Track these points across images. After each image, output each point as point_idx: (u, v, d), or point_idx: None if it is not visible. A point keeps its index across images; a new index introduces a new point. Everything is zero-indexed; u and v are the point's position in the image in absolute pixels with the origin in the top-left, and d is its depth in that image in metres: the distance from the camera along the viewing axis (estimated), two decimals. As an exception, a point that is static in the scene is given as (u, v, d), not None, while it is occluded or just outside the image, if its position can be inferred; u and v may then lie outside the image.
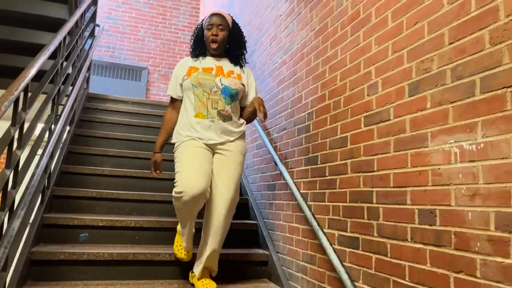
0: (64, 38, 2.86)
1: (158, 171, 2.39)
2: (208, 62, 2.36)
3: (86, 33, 3.96)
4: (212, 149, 2.28)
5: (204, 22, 2.37)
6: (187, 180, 2.08)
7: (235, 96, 2.30)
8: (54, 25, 3.28)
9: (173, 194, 2.13)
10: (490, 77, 1.30)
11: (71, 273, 2.32)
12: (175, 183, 2.12)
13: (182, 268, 2.49)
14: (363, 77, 1.97)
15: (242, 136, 2.37)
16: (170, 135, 2.39)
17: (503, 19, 1.28)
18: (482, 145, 1.30)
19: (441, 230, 1.42)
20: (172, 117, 2.39)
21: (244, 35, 2.47)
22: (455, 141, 1.40)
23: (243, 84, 2.34)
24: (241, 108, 2.42)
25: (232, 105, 2.30)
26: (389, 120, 1.75)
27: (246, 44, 2.47)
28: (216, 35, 2.29)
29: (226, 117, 2.27)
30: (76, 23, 3.41)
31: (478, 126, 1.32)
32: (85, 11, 3.68)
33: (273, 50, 3.23)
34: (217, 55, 2.38)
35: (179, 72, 2.37)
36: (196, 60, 2.37)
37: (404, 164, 1.63)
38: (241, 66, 2.42)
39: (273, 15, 3.32)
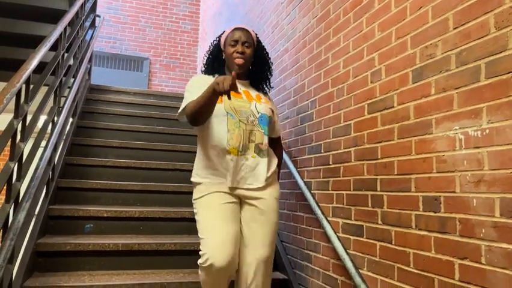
0: (65, 29, 2.84)
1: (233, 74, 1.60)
2: None
3: (87, 24, 3.94)
4: (241, 197, 1.88)
5: (223, 37, 2.01)
6: (213, 250, 1.69)
7: (270, 125, 1.98)
8: (55, 16, 3.26)
9: (198, 262, 1.75)
10: (495, 61, 1.28)
11: (77, 264, 2.34)
12: (199, 250, 1.75)
13: (188, 257, 2.50)
14: (367, 63, 1.95)
15: (275, 176, 1.98)
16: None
17: (508, 3, 1.25)
18: (487, 131, 1.29)
19: (446, 217, 1.41)
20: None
21: (269, 55, 2.14)
22: (460, 128, 1.39)
23: (273, 111, 2.02)
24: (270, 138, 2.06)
25: (268, 137, 1.96)
26: (393, 107, 1.73)
27: (272, 67, 2.13)
28: (243, 53, 1.92)
29: (263, 153, 1.90)
30: (76, 13, 3.39)
31: (483, 112, 1.31)
32: (85, 1, 3.65)
33: (274, 38, 3.20)
34: (238, 76, 1.99)
35: (199, 84, 1.90)
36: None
37: (408, 151, 1.62)
38: (264, 93, 2.08)
39: (274, 2, 3.28)
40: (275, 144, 2.11)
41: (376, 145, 1.83)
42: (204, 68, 2.07)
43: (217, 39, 2.07)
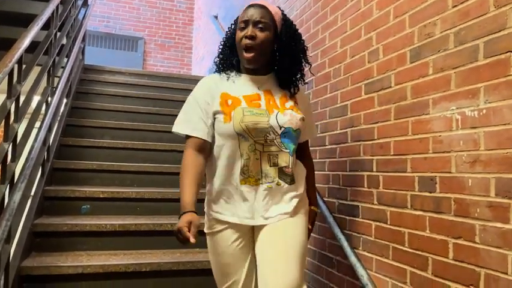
0: (57, 7, 2.78)
1: (193, 237, 1.33)
2: (248, 83, 1.49)
3: (80, 2, 3.86)
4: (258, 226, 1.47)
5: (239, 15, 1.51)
6: None
7: (298, 138, 1.50)
8: (46, -6, 3.19)
9: None
10: (493, 41, 1.26)
11: (74, 244, 2.35)
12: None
13: (184, 237, 2.52)
14: (364, 43, 1.93)
15: (305, 195, 1.56)
16: (199, 189, 1.45)
17: (509, -20, 1.23)
18: (484, 111, 1.28)
19: (441, 197, 1.42)
20: (199, 162, 1.46)
21: (303, 38, 1.57)
22: (457, 108, 1.38)
23: (302, 117, 1.49)
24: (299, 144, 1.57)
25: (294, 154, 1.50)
26: (390, 87, 1.72)
27: (308, 54, 1.58)
28: (252, 37, 1.40)
29: (291, 177, 1.47)
30: (68, -9, 3.32)
31: (481, 92, 1.30)
32: (77, -21, 3.57)
33: (271, 17, 3.15)
34: (256, 71, 1.49)
35: (203, 99, 1.48)
36: (228, 79, 1.50)
37: (405, 131, 1.62)
38: (294, 89, 1.55)
39: (270, -20, 3.22)
40: (303, 151, 1.60)
41: (373, 126, 1.82)
42: (216, 61, 1.59)
43: (233, 23, 1.57)
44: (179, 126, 1.53)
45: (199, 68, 6.40)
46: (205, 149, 1.47)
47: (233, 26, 1.55)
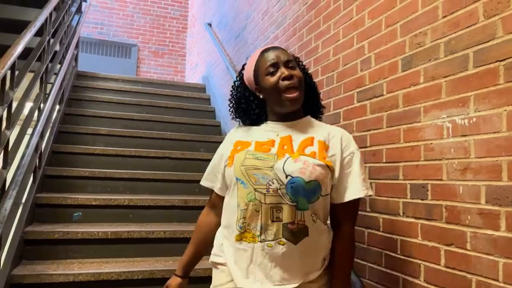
0: (50, 14, 2.78)
1: None
2: (268, 129, 1.32)
3: (73, 9, 3.86)
4: None
5: (249, 70, 1.34)
6: None
7: (316, 193, 1.20)
8: (40, 1, 3.18)
9: None
10: (483, 50, 1.29)
11: (66, 252, 2.33)
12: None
13: (177, 245, 2.50)
14: (356, 52, 1.95)
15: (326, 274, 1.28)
16: (201, 251, 1.43)
17: (498, -9, 1.26)
18: (474, 119, 1.30)
19: (433, 204, 1.43)
20: (205, 222, 1.41)
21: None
22: (448, 116, 1.40)
23: (327, 165, 1.21)
24: (332, 205, 1.29)
25: (315, 206, 1.21)
26: (382, 95, 1.74)
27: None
28: (292, 76, 1.24)
29: (298, 234, 1.19)
30: (62, -2, 3.32)
31: (471, 101, 1.32)
32: (70, -15, 3.57)
33: (264, 25, 3.18)
34: (291, 115, 1.30)
35: (222, 150, 1.38)
36: (249, 129, 1.36)
37: (397, 139, 1.63)
38: (324, 131, 1.31)
39: (264, -11, 3.25)
40: (337, 218, 1.29)
41: (365, 133, 1.84)
42: (235, 116, 1.42)
43: (239, 77, 1.40)
44: (203, 178, 1.45)
45: (193, 75, 6.41)
46: (219, 204, 1.35)
47: (238, 81, 1.39)
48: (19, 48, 2.03)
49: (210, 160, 1.45)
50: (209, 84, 4.94)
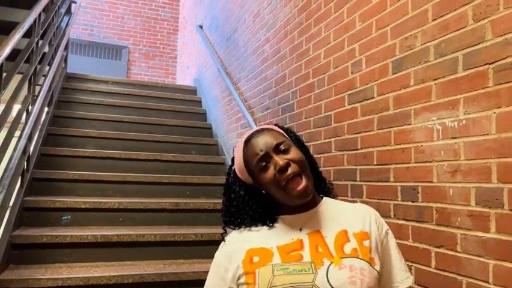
0: (39, 15, 2.75)
1: None
2: (285, 228, 1.00)
3: (62, 10, 3.83)
4: None
5: (238, 164, 1.04)
6: None
7: None
8: (29, 1, 3.15)
9: None
10: (472, 53, 1.30)
11: (54, 256, 2.29)
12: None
13: (168, 248, 2.48)
14: (347, 54, 1.95)
15: None
16: None
17: (486, -5, 1.27)
18: (464, 122, 1.31)
19: (424, 206, 1.44)
20: None
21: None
22: (438, 119, 1.40)
23: (370, 263, 0.93)
24: None
25: None
26: (373, 98, 1.74)
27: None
28: (288, 164, 0.94)
29: None
30: (51, -1, 3.28)
31: (460, 103, 1.33)
32: (60, -13, 3.54)
33: (256, 27, 3.18)
34: (305, 204, 0.99)
35: (224, 266, 0.99)
36: (258, 231, 1.01)
37: (388, 141, 1.64)
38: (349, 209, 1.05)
39: (255, -9, 3.25)
40: None
41: (356, 136, 1.84)
42: (234, 224, 1.05)
43: (231, 173, 1.08)
44: None
45: (184, 77, 6.39)
46: None
47: (232, 178, 1.07)
48: (7, 50, 2.00)
49: (201, 163, 1.42)
50: (200, 86, 4.92)
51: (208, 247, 2.58)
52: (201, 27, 5.11)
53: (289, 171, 0.93)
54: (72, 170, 3.05)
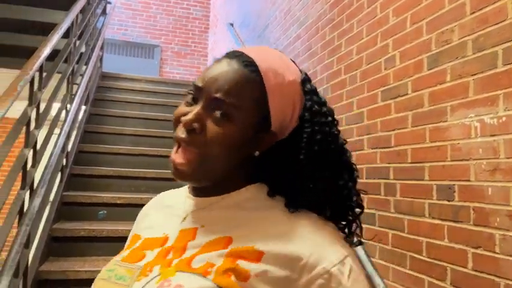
0: (76, 16, 2.84)
1: None
2: (178, 209, 0.71)
3: (98, 11, 3.94)
4: None
5: None
6: None
7: None
8: (66, 3, 3.26)
9: None
10: (514, 47, 1.25)
11: (91, 249, 2.38)
12: None
13: (199, 244, 2.52)
14: (380, 50, 1.92)
15: None
16: None
17: (529, -14, 1.21)
18: (504, 119, 1.26)
19: (460, 206, 1.40)
20: None
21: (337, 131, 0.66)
22: (476, 115, 1.36)
23: None
24: None
25: None
26: (407, 94, 1.71)
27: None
28: (192, 129, 0.61)
29: None
30: (88, 0, 3.39)
31: (500, 99, 1.28)
32: (96, -12, 3.65)
33: (287, 24, 3.17)
34: (211, 189, 0.66)
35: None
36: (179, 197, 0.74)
37: (422, 139, 1.60)
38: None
39: (286, -12, 3.24)
40: None
41: (389, 133, 1.80)
42: None
43: None
44: None
45: (215, 75, 6.43)
46: None
47: None
48: (47, 50, 2.08)
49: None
50: (231, 84, 4.95)
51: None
52: (231, 25, 5.13)
53: (184, 135, 0.62)
54: (107, 166, 3.15)
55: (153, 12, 7.17)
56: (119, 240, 2.48)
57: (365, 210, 0.69)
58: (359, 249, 1.86)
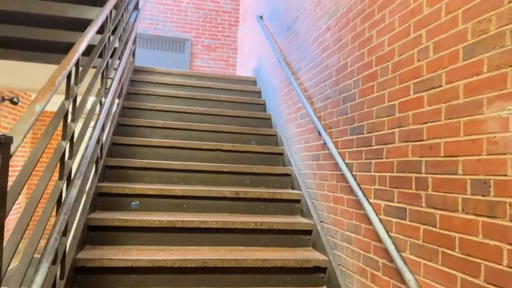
0: (110, 12, 2.91)
1: None
2: None
3: (131, 7, 4.02)
4: None
5: None
6: None
7: None
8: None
9: None
10: (556, 36, 1.19)
11: (124, 239, 2.46)
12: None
13: (229, 235, 2.56)
14: (413, 41, 1.87)
15: None
16: None
17: None
18: (544, 111, 1.21)
19: (496, 201, 1.35)
20: None
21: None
22: (514, 108, 1.31)
23: None
24: None
25: None
26: (441, 86, 1.66)
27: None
28: None
29: None
30: (121, -4, 3.46)
31: (541, 91, 1.22)
32: (128, -16, 3.72)
33: (317, 15, 3.13)
34: None
35: None
36: None
37: (456, 132, 1.55)
38: None
39: (316, -21, 3.20)
40: None
41: (422, 126, 1.76)
42: None
43: None
44: None
45: (244, 68, 6.46)
46: None
47: None
48: (83, 46, 2.14)
49: (260, 153, 1.45)
50: (260, 77, 4.96)
51: (267, 235, 2.63)
52: (261, 17, 5.12)
53: None
54: (140, 158, 3.23)
55: (184, 7, 7.25)
56: (151, 231, 2.58)
57: (396, 205, 0.73)
58: (389, 244, 1.84)
